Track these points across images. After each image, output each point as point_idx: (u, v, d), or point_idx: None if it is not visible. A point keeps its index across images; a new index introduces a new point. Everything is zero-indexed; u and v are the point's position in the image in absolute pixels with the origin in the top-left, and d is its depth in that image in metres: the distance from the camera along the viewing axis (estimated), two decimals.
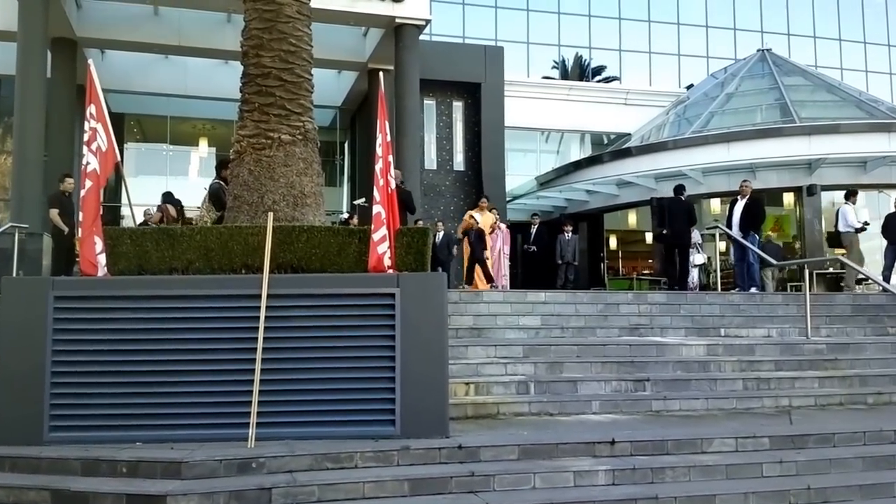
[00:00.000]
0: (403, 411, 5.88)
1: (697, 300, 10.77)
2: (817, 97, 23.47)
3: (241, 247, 6.57)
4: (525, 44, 31.36)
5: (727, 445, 6.06)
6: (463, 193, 22.68)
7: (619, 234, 26.98)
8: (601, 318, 9.93)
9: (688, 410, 7.41)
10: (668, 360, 8.27)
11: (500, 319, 9.55)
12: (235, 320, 5.94)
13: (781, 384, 7.99)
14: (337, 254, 6.68)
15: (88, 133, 6.47)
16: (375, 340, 5.98)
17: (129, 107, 23.46)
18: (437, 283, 6.16)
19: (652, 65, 32.32)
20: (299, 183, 7.65)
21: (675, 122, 25.68)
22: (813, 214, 20.10)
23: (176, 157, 23.82)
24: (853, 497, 5.61)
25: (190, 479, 5.14)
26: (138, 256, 6.55)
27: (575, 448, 5.87)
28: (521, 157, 30.19)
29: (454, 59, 22.23)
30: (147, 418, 5.81)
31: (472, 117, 23.11)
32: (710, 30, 32.88)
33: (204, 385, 5.87)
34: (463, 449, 5.69)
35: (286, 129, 7.68)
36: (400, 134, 18.56)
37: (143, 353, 5.89)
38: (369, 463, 5.50)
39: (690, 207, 14.54)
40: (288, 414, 5.85)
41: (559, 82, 30.83)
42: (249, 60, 7.83)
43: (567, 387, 7.64)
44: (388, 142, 6.38)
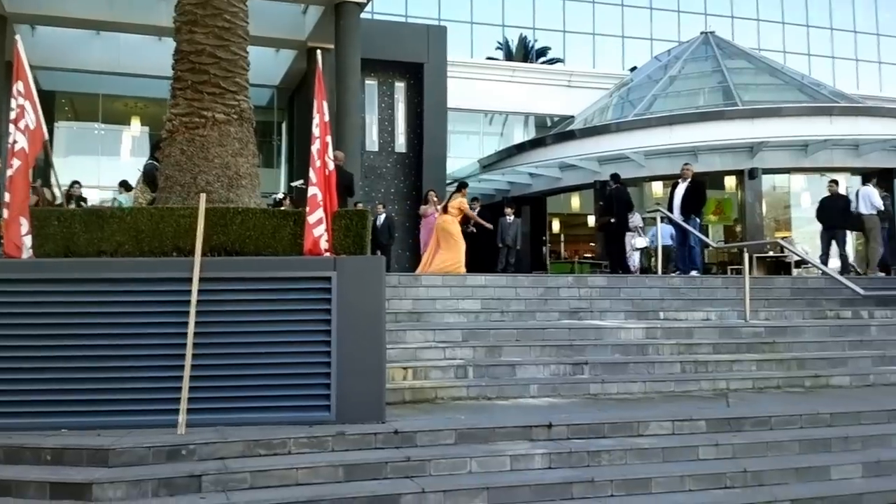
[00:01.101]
0: (339, 396, 5.80)
1: (637, 283, 10.83)
2: (760, 80, 23.79)
3: (172, 229, 6.37)
4: (469, 24, 31.23)
5: (664, 428, 6.11)
6: (404, 176, 22.52)
7: (561, 218, 27.14)
8: (541, 301, 9.93)
9: (625, 394, 7.45)
10: (607, 343, 8.31)
11: (440, 303, 9.48)
12: (166, 304, 5.77)
13: (719, 367, 8.09)
14: (272, 236, 6.54)
15: (16, 111, 6.20)
16: (311, 325, 5.88)
17: (60, 84, 22.60)
18: (375, 266, 6.07)
19: (596, 46, 32.49)
20: (234, 163, 7.47)
21: (618, 104, 25.85)
22: (754, 198, 20.36)
23: (108, 137, 23.14)
24: (789, 480, 5.70)
25: (117, 466, 5.02)
26: (66, 238, 6.31)
27: (512, 432, 5.86)
28: (464, 139, 30.13)
29: (396, 39, 21.97)
30: (74, 404, 5.62)
31: (415, 98, 22.90)
32: (654, 11, 33.14)
33: (133, 370, 5.70)
34: (399, 434, 5.64)
35: (220, 107, 7.47)
36: (340, 115, 18.27)
37: (70, 337, 5.69)
38: (303, 449, 5.42)
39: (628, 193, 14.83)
40: (220, 400, 5.72)
41: (503, 63, 30.81)
42: (182, 36, 7.58)
43: (506, 371, 7.62)
44: (326, 122, 6.23)
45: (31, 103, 6.31)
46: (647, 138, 21.24)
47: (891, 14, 36.77)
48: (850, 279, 10.24)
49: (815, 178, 20.53)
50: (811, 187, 20.39)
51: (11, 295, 5.69)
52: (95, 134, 23.31)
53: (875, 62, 36.28)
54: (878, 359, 8.64)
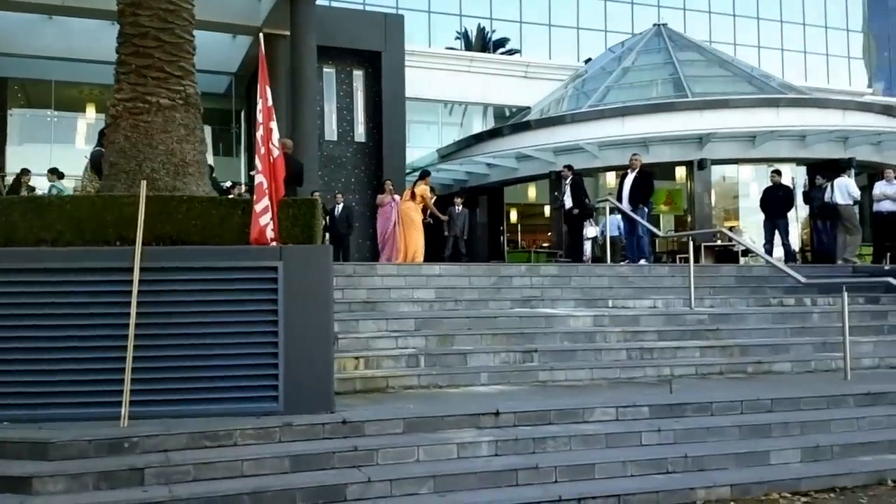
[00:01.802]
0: (287, 387, 5.75)
1: (588, 272, 10.93)
2: (710, 72, 24.13)
3: (115, 217, 6.22)
4: (427, 13, 31.14)
5: (608, 415, 6.17)
6: (364, 165, 22.38)
7: (519, 208, 27.25)
8: (494, 290, 9.97)
9: (573, 381, 7.54)
10: (556, 331, 8.38)
11: (395, 293, 9.46)
12: (108, 294, 5.66)
13: (664, 354, 8.21)
14: (219, 225, 6.42)
15: None
16: (257, 315, 5.82)
17: (11, 70, 22.09)
18: (322, 256, 6.02)
19: (552, 38, 32.62)
20: (180, 150, 7.32)
21: (573, 95, 26.02)
22: (703, 188, 20.71)
23: (62, 124, 22.62)
24: (729, 465, 5.81)
25: (58, 459, 4.93)
26: (5, 227, 6.14)
27: (460, 420, 5.88)
28: (424, 129, 30.06)
29: (353, 26, 21.78)
30: (14, 397, 5.50)
31: (373, 87, 22.75)
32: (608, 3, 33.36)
33: (75, 362, 5.58)
34: (347, 424, 5.62)
35: (165, 92, 7.30)
36: (297, 102, 18.14)
37: (9, 328, 5.55)
38: (249, 440, 5.37)
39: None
40: (165, 392, 5.63)
41: (461, 53, 30.80)
42: (126, 19, 7.38)
43: (457, 359, 7.65)
44: (270, 107, 6.14)
45: None
46: (601, 129, 21.45)
47: (838, 7, 37.46)
48: (793, 267, 10.41)
49: (763, 168, 20.82)
50: (759, 178, 20.68)
51: None
52: (48, 121, 22.78)
53: (823, 55, 36.98)
54: (819, 345, 8.81)
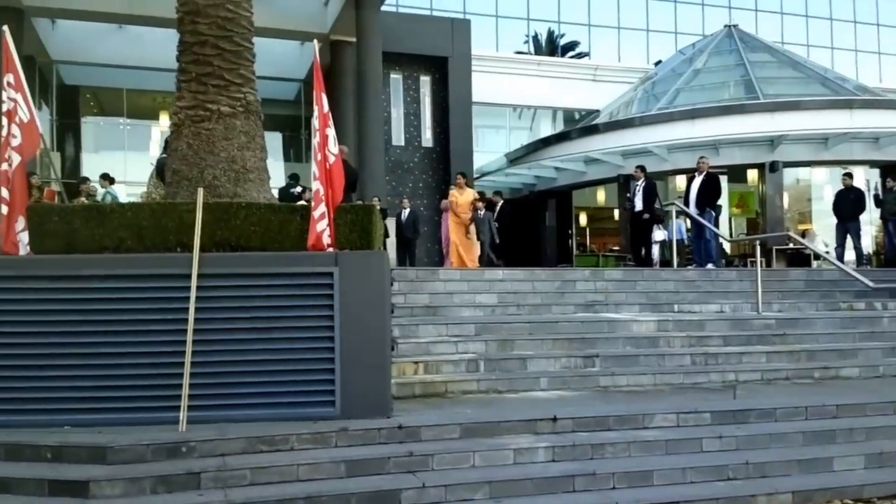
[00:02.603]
0: (344, 392, 5.76)
1: (653, 276, 10.73)
2: (782, 74, 23.48)
3: (175, 224, 6.34)
4: (494, 17, 31.06)
5: (668, 421, 6.03)
6: (431, 170, 22.44)
7: (588, 211, 26.94)
8: (558, 295, 9.85)
9: (635, 386, 7.39)
10: (619, 336, 8.24)
11: (457, 297, 9.43)
12: (167, 300, 5.74)
13: (729, 359, 7.98)
14: (278, 231, 6.49)
15: (9, 104, 6.13)
16: (314, 321, 5.83)
17: (83, 79, 22.70)
18: (377, 261, 6.01)
19: (621, 40, 32.18)
20: (241, 157, 7.42)
21: (643, 98, 25.62)
22: (775, 190, 20.16)
23: (134, 132, 23.19)
24: (791, 471, 5.62)
25: (116, 464, 5.01)
26: (67, 234, 6.29)
27: (517, 426, 5.81)
28: (493, 133, 30.02)
29: (420, 32, 21.86)
30: (76, 402, 5.62)
31: (440, 92, 22.81)
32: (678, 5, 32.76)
33: (135, 367, 5.68)
34: (403, 429, 5.60)
35: (226, 100, 7.41)
36: (363, 108, 18.27)
37: (71, 334, 5.67)
38: (306, 445, 5.38)
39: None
40: (222, 397, 5.69)
41: (528, 57, 30.65)
42: (185, 28, 7.52)
43: (517, 364, 7.57)
44: (325, 114, 6.16)
45: (22, 96, 6.24)
46: (670, 132, 21.06)
47: None
48: (864, 271, 10.04)
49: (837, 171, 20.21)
50: (833, 180, 20.05)
51: (9, 292, 5.68)
52: (121, 128, 23.34)
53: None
54: (888, 350, 8.52)
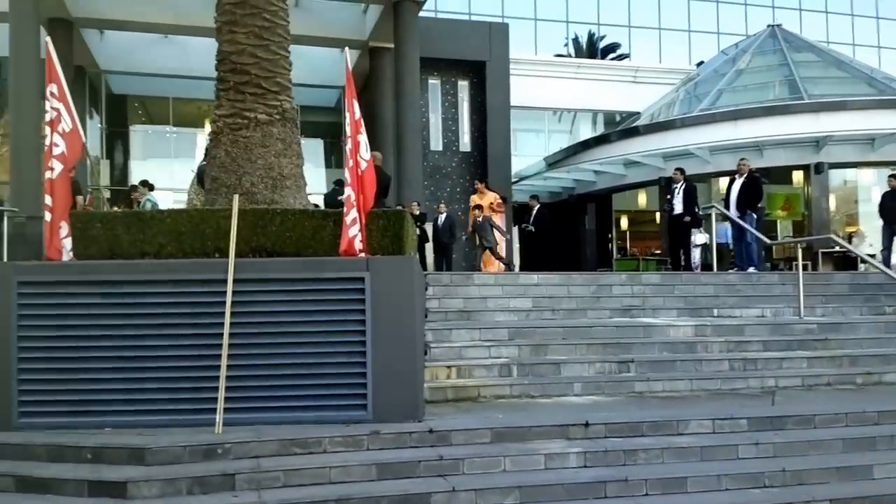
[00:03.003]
0: (375, 396, 5.82)
1: (693, 280, 10.59)
2: (827, 74, 23.05)
3: (213, 230, 6.48)
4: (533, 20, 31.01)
5: (704, 427, 5.97)
6: (469, 175, 22.43)
7: (628, 215, 26.72)
8: (593, 299, 9.79)
9: (671, 392, 7.32)
10: (655, 341, 8.17)
11: (491, 302, 9.43)
12: (204, 305, 5.86)
13: (769, 365, 7.89)
14: (312, 237, 6.59)
15: (52, 114, 6.28)
16: (346, 325, 5.90)
17: (131, 88, 23.26)
18: (408, 266, 6.06)
19: (662, 41, 31.90)
20: (278, 164, 7.55)
21: (684, 99, 25.35)
22: (821, 192, 19.81)
23: (180, 139, 23.58)
24: (830, 479, 5.53)
25: (154, 465, 5.12)
26: (109, 241, 6.48)
27: (548, 431, 5.80)
28: (532, 137, 29.93)
29: (458, 37, 21.92)
30: (117, 404, 5.77)
31: (478, 97, 22.82)
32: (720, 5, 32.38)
33: (174, 370, 5.81)
34: (434, 433, 5.63)
35: (263, 108, 7.54)
36: (401, 114, 18.36)
37: (112, 338, 5.82)
38: (338, 448, 5.44)
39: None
40: (257, 399, 5.79)
41: (567, 60, 30.54)
42: (223, 37, 7.67)
43: (550, 369, 7.56)
44: (357, 120, 6.22)
45: (65, 106, 6.39)
46: (712, 133, 20.83)
47: None
48: None
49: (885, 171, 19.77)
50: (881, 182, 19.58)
51: (53, 297, 5.84)
52: (167, 137, 23.79)
53: None
54: None
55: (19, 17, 15.32)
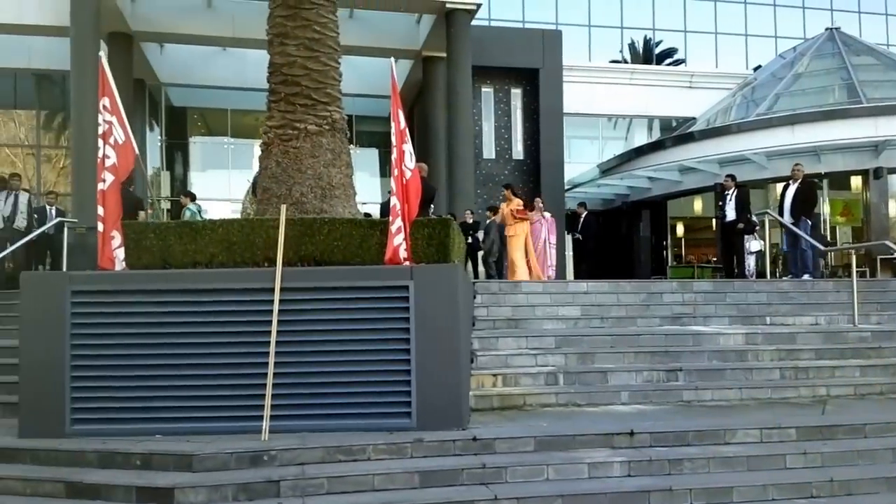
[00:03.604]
0: (419, 403, 5.86)
1: (745, 288, 10.38)
2: (887, 77, 22.43)
3: (262, 239, 6.63)
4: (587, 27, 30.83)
5: (751, 436, 5.88)
6: (521, 182, 22.42)
7: (684, 222, 26.38)
8: (643, 307, 9.68)
9: (720, 401, 7.20)
10: (705, 349, 8.06)
11: (539, 310, 9.39)
12: (252, 313, 5.97)
13: (821, 373, 7.71)
14: (359, 246, 6.69)
15: (104, 126, 6.47)
16: (390, 333, 5.95)
17: (190, 100, 23.86)
18: (451, 274, 6.09)
19: (718, 46, 31.41)
20: (327, 174, 7.68)
21: (741, 104, 24.95)
22: (880, 198, 19.29)
23: (238, 150, 24.04)
24: (879, 489, 5.41)
25: (200, 471, 5.23)
26: (162, 250, 6.68)
27: (593, 439, 5.78)
28: (586, 144, 29.72)
29: (511, 45, 21.93)
30: (166, 411, 5.91)
31: (531, 104, 22.79)
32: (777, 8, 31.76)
33: (222, 378, 5.94)
34: (477, 441, 5.65)
35: (313, 119, 7.69)
36: (453, 123, 18.47)
37: (162, 346, 5.97)
38: (382, 455, 5.49)
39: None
40: (303, 407, 5.88)
41: (621, 66, 30.26)
42: (274, 49, 7.85)
43: (597, 377, 7.50)
44: (402, 130, 6.30)
45: (118, 119, 6.56)
46: (769, 139, 20.45)
47: None
48: None
49: None
50: None
51: (105, 305, 6.01)
52: (225, 148, 24.31)
53: None
54: None
55: (81, 32, 15.79)
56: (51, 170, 21.68)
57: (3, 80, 21.58)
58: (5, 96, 22.05)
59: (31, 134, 22.17)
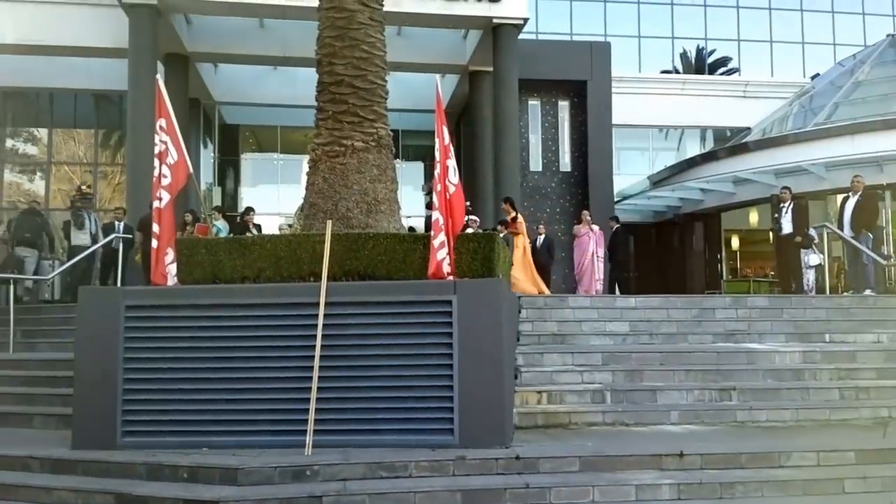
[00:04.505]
0: (462, 420, 5.80)
1: (802, 304, 10.04)
2: None
3: (309, 254, 6.66)
4: (636, 38, 30.54)
5: (808, 459, 5.68)
6: (569, 195, 22.22)
7: (739, 234, 25.85)
8: (694, 323, 9.45)
9: (775, 421, 6.96)
10: (759, 368, 7.81)
11: (586, 325, 9.25)
12: (298, 328, 6.01)
13: (883, 394, 7.40)
14: (403, 260, 6.68)
15: (161, 147, 6.62)
16: (433, 348, 5.92)
17: (243, 118, 24.24)
18: (496, 289, 6.02)
19: (774, 54, 30.83)
20: (373, 189, 7.72)
21: (798, 113, 24.39)
22: None
23: (287, 166, 24.31)
24: None
25: (245, 485, 5.25)
26: (212, 265, 6.76)
27: (641, 460, 5.65)
28: (636, 155, 29.37)
29: (558, 58, 21.78)
30: (214, 424, 5.97)
31: (579, 116, 22.59)
32: (836, 16, 31.07)
33: (268, 392, 5.98)
34: (521, 460, 5.56)
35: (359, 135, 7.76)
36: (500, 136, 18.39)
37: (210, 360, 6.05)
38: (424, 472, 5.44)
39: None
40: (346, 422, 5.89)
41: (672, 77, 29.87)
42: (323, 69, 7.96)
43: (646, 396, 7.33)
44: (446, 146, 6.27)
45: (172, 139, 6.70)
46: (828, 149, 19.88)
47: None
48: None
49: None
50: None
51: (156, 320, 6.12)
52: (275, 164, 24.61)
53: None
54: None
55: (138, 54, 16.16)
56: (106, 186, 22.20)
57: (65, 101, 22.19)
58: (66, 116, 22.66)
59: (90, 152, 22.74)
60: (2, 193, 21.43)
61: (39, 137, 22.41)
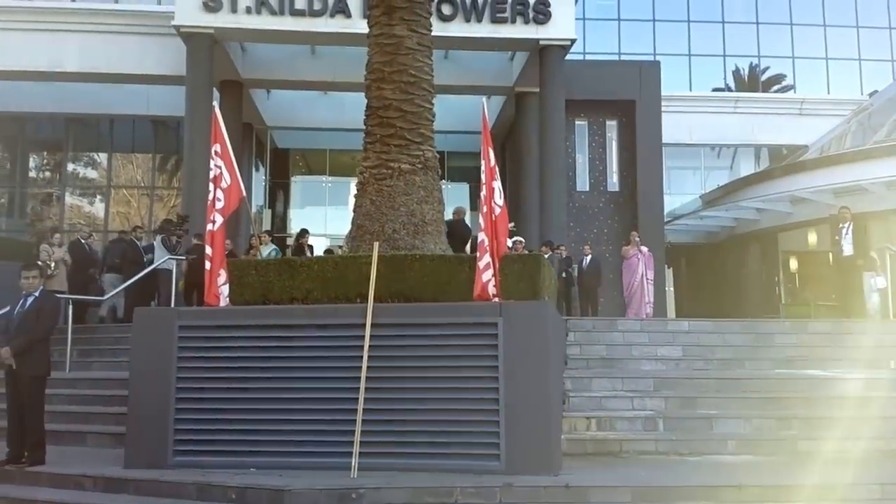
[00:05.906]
0: (508, 446, 5.69)
1: (866, 329, 9.66)
2: None
3: (355, 276, 6.65)
4: (686, 56, 30.21)
5: (872, 492, 5.44)
6: (617, 215, 21.93)
7: (798, 256, 25.18)
8: (751, 349, 9.15)
9: (837, 452, 6.64)
10: (821, 395, 7.49)
11: (636, 350, 9.03)
12: (344, 349, 6.01)
13: None
14: (448, 282, 6.62)
15: (216, 171, 6.74)
16: (478, 371, 5.84)
17: (293, 142, 24.71)
18: (543, 311, 5.92)
19: (829, 71, 30.21)
20: (419, 211, 7.71)
21: (857, 131, 23.78)
22: None
23: (335, 188, 24.60)
24: None
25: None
26: (263, 287, 6.81)
27: (695, 491, 5.45)
28: (688, 174, 28.98)
29: (606, 78, 21.57)
30: (262, 445, 5.99)
31: (627, 136, 22.35)
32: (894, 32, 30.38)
33: (315, 413, 5.98)
34: (570, 489, 5.42)
35: (406, 158, 7.78)
36: (544, 157, 18.31)
37: (260, 380, 6.08)
38: (469, 499, 5.33)
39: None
40: (391, 444, 5.84)
41: (724, 94, 29.46)
42: (371, 93, 8.03)
43: (701, 424, 7.12)
44: (492, 167, 6.23)
45: (226, 163, 6.81)
46: (889, 167, 19.29)
47: None
48: None
49: None
50: None
51: (208, 340, 6.20)
52: (323, 186, 24.93)
53: None
54: None
55: (195, 80, 16.56)
56: (162, 208, 22.61)
57: (124, 126, 22.81)
58: (125, 141, 23.28)
59: (147, 176, 23.26)
60: (63, 216, 21.95)
61: (99, 162, 23.00)
